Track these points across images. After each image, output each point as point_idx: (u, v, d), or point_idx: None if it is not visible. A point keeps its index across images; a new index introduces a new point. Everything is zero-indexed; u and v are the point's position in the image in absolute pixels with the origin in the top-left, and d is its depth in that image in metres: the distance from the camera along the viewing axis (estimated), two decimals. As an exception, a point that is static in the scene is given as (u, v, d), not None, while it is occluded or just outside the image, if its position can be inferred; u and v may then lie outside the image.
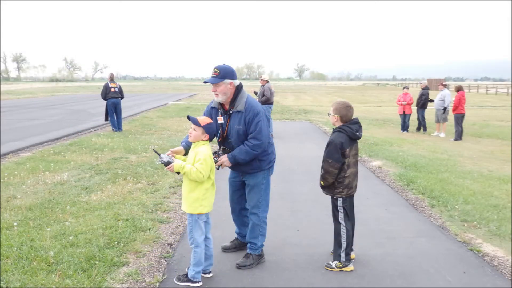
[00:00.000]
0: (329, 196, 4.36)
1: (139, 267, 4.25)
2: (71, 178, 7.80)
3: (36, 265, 4.16)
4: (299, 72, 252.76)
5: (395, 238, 5.13)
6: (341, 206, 4.28)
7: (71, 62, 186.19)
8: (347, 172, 4.20)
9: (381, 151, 11.00)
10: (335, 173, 4.15)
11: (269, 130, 5.01)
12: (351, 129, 4.18)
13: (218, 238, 4.87)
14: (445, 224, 5.63)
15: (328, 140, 4.26)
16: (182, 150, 4.04)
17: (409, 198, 6.86)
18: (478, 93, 56.66)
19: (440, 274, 4.17)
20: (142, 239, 4.91)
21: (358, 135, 4.21)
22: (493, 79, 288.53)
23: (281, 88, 74.31)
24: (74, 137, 13.44)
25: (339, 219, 4.31)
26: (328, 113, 4.43)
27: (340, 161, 4.13)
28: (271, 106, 13.61)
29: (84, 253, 4.44)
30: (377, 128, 16.94)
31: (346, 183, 4.22)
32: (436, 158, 10.28)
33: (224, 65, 4.11)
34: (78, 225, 5.29)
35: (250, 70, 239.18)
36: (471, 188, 7.31)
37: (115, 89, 14.83)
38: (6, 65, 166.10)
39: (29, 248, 4.53)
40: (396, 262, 4.44)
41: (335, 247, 4.32)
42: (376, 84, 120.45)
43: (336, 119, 4.26)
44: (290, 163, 9.65)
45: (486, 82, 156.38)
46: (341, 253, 4.27)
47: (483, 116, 22.70)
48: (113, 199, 6.49)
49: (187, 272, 3.97)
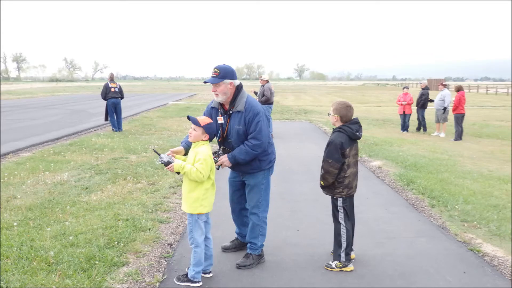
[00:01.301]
0: (329, 196, 4.36)
1: (139, 267, 4.25)
2: (71, 178, 7.80)
3: (36, 265, 4.16)
4: (299, 72, 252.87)
5: (395, 238, 5.13)
6: (341, 206, 4.28)
7: (71, 62, 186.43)
8: (347, 172, 4.21)
9: (381, 151, 11.00)
10: (335, 173, 4.15)
11: (269, 130, 5.01)
12: (351, 129, 4.18)
13: (218, 238, 4.88)
14: (445, 224, 5.63)
15: (328, 140, 4.27)
16: (182, 150, 4.04)
17: (409, 198, 6.86)
18: (478, 93, 56.66)
19: (440, 274, 4.17)
20: (142, 239, 4.91)
21: (358, 135, 4.21)
22: (493, 79, 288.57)
23: (281, 88, 74.31)
24: (74, 137, 13.44)
25: (339, 219, 4.31)
26: (328, 113, 4.45)
27: (340, 161, 4.14)
28: (271, 106, 13.61)
29: (84, 253, 4.44)
30: (377, 128, 16.93)
31: (346, 183, 4.22)
32: (436, 158, 10.28)
33: (224, 65, 4.11)
34: (78, 225, 5.29)
35: (250, 70, 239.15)
36: (471, 188, 7.31)
37: (115, 89, 14.82)
38: (6, 65, 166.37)
39: (29, 248, 4.53)
40: (396, 262, 4.44)
41: (335, 247, 4.32)
42: (376, 84, 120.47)
43: (336, 119, 4.26)
44: (290, 163, 9.65)
45: (486, 82, 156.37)
46: (341, 253, 4.27)
47: (483, 116, 22.70)
48: (113, 199, 6.49)
49: (187, 272, 3.97)
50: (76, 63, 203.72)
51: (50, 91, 53.61)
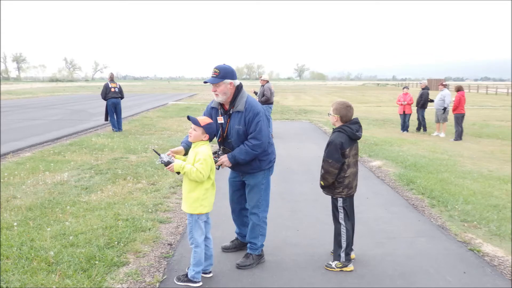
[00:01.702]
0: (329, 196, 4.36)
1: (139, 267, 4.25)
2: (71, 178, 7.80)
3: (36, 265, 4.16)
4: (299, 72, 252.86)
5: (395, 238, 5.13)
6: (341, 206, 4.28)
7: (71, 62, 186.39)
8: (347, 172, 4.21)
9: (381, 151, 11.00)
10: (335, 173, 4.16)
11: (269, 130, 5.02)
12: (351, 129, 4.19)
13: (218, 238, 4.88)
14: (445, 224, 5.63)
15: (328, 140, 4.27)
16: (182, 150, 4.04)
17: (409, 198, 6.86)
18: (478, 93, 56.66)
19: (440, 274, 4.17)
20: (142, 239, 4.92)
21: (358, 135, 4.21)
22: (493, 79, 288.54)
23: (281, 88, 74.31)
24: (74, 137, 13.44)
25: (339, 219, 4.31)
26: (328, 113, 4.45)
27: (340, 161, 4.14)
28: (271, 106, 13.61)
29: (84, 253, 4.44)
30: (377, 128, 16.93)
31: (346, 183, 4.22)
32: (436, 158, 10.28)
33: (224, 65, 4.11)
34: (78, 225, 5.29)
35: (250, 70, 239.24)
36: (471, 188, 7.31)
37: (115, 89, 14.83)
38: (6, 65, 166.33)
39: (29, 248, 4.53)
40: (396, 262, 4.44)
41: (335, 247, 4.33)
42: (376, 84, 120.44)
43: (336, 119, 4.27)
44: (290, 163, 9.65)
45: (486, 82, 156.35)
46: (341, 253, 4.27)
47: (483, 116, 22.70)
48: (113, 199, 6.50)
49: (187, 272, 3.97)
50: (76, 63, 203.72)
51: (50, 91, 53.62)
